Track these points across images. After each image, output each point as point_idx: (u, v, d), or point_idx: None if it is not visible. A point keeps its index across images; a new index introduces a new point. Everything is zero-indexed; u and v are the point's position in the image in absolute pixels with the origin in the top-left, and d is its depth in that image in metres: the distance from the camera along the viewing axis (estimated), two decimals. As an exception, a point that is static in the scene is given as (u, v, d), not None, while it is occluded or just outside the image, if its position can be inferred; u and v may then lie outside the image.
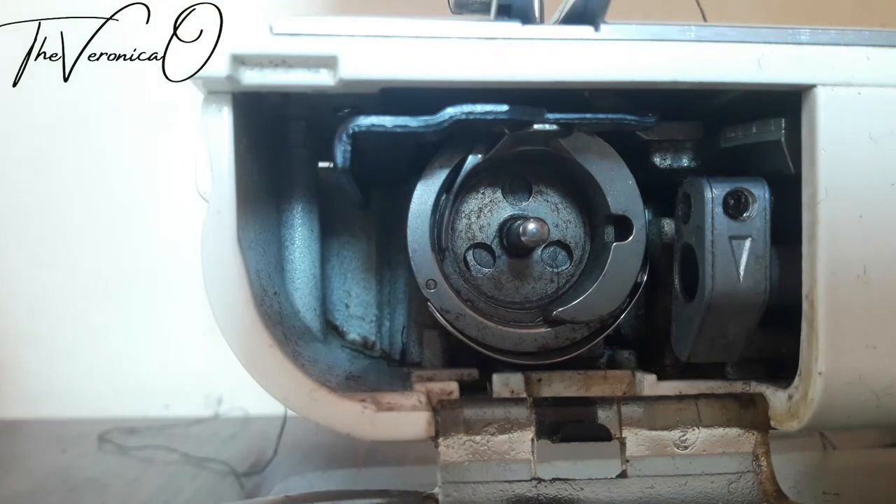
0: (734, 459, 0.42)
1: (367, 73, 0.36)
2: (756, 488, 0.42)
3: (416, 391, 0.41)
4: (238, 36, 0.35)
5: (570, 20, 0.38)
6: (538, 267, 0.47)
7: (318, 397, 0.39)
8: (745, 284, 0.40)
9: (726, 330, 0.42)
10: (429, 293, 0.43)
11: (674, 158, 0.46)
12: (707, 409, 0.42)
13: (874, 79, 0.38)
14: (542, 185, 0.47)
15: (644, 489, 0.41)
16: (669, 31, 0.38)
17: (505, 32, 0.37)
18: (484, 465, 0.40)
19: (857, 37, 0.38)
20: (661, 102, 0.40)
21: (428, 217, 0.43)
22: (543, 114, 0.39)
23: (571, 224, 0.47)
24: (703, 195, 0.40)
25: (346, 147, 0.38)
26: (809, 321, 0.38)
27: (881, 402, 0.39)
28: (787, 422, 0.41)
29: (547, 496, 0.40)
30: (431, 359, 0.48)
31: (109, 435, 0.89)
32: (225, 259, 0.38)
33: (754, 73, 0.37)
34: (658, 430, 0.42)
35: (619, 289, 0.43)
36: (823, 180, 0.37)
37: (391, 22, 0.36)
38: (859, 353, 0.38)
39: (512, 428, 0.41)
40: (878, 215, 0.38)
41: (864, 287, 0.38)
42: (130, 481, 0.75)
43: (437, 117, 0.38)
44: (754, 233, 0.40)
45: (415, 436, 0.40)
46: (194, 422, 0.98)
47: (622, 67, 0.37)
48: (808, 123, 0.38)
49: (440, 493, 0.40)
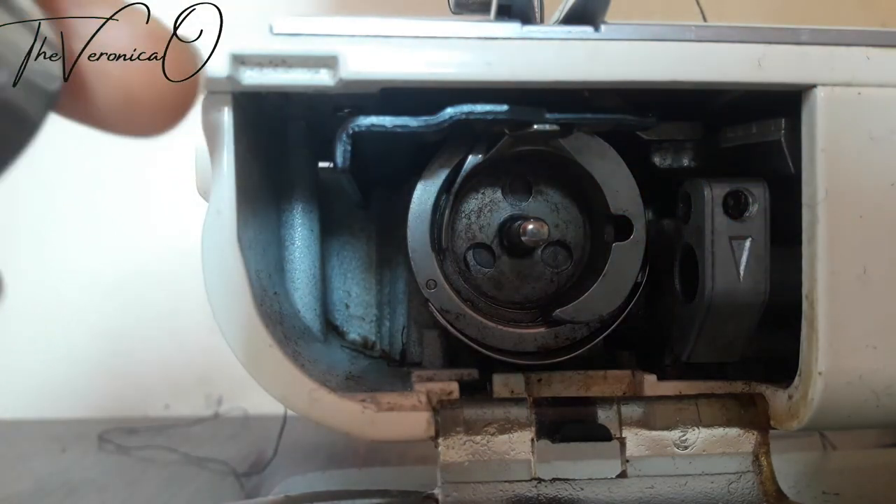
0: (734, 459, 0.42)
1: (367, 73, 0.36)
2: (756, 488, 0.42)
3: (416, 391, 0.41)
4: (238, 36, 0.35)
5: (570, 20, 0.38)
6: (538, 267, 0.47)
7: (318, 397, 0.39)
8: (745, 284, 0.40)
9: (726, 330, 0.42)
10: (429, 293, 0.43)
11: (674, 158, 0.46)
12: (707, 409, 0.42)
13: (874, 79, 0.38)
14: (542, 185, 0.47)
15: (644, 489, 0.41)
16: (669, 31, 0.38)
17: (505, 32, 0.37)
18: (484, 465, 0.40)
19: (857, 37, 0.38)
20: (661, 102, 0.40)
21: (428, 217, 0.43)
22: (543, 114, 0.39)
23: (571, 224, 0.47)
24: (703, 195, 0.40)
25: (346, 147, 0.38)
26: (809, 321, 0.38)
27: (881, 402, 0.39)
28: (787, 422, 0.41)
29: (547, 496, 0.40)
30: (431, 359, 0.48)
31: (109, 435, 0.89)
32: (225, 259, 0.38)
33: (754, 73, 0.37)
34: (658, 430, 0.42)
35: (619, 289, 0.43)
36: (823, 180, 0.37)
37: (391, 22, 0.36)
38: (859, 353, 0.38)
39: (512, 428, 0.41)
40: (878, 215, 0.38)
41: (864, 287, 0.38)
42: (130, 481, 0.75)
43: (436, 117, 0.38)
44: (754, 233, 0.40)
45: (415, 436, 0.40)
46: (194, 422, 0.98)
47: (622, 67, 0.37)
48: (808, 123, 0.38)
49: (440, 493, 0.40)
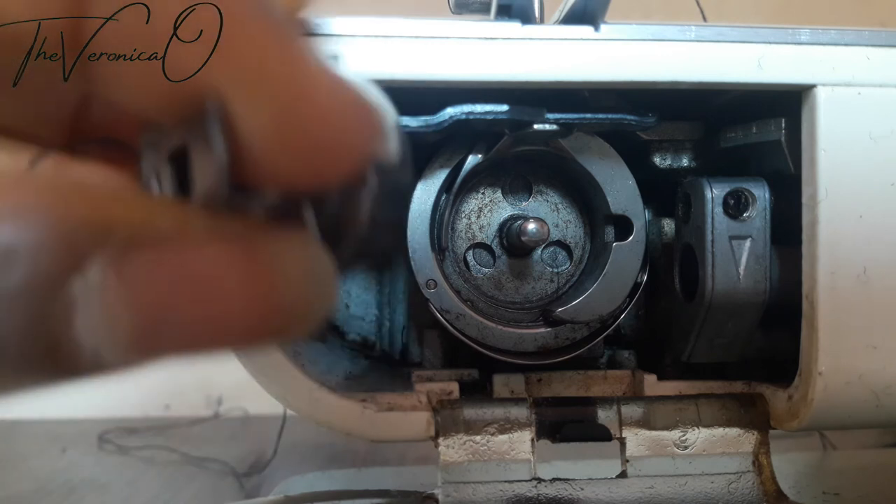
0: (734, 459, 0.42)
1: (367, 73, 0.36)
2: (756, 488, 0.42)
3: (416, 391, 0.41)
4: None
5: (570, 20, 0.38)
6: (538, 267, 0.47)
7: (318, 397, 0.39)
8: (745, 284, 0.40)
9: (726, 330, 0.42)
10: (429, 293, 0.43)
11: (674, 158, 0.46)
12: (707, 409, 0.42)
13: (874, 79, 0.38)
14: (542, 185, 0.47)
15: (644, 489, 0.41)
16: (669, 31, 0.38)
17: (505, 32, 0.37)
18: (484, 465, 0.40)
19: (857, 37, 0.38)
20: (661, 102, 0.40)
21: (428, 217, 0.43)
22: (543, 114, 0.39)
23: (571, 224, 0.47)
24: (703, 195, 0.40)
25: (346, 147, 0.38)
26: (809, 321, 0.38)
27: (881, 402, 0.39)
28: (787, 422, 0.41)
29: (547, 496, 0.40)
30: (431, 359, 0.48)
31: (109, 435, 0.89)
32: (225, 259, 0.38)
33: (754, 73, 0.37)
34: (658, 430, 0.42)
35: (619, 289, 0.43)
36: (823, 180, 0.37)
37: (391, 22, 0.36)
38: (859, 353, 0.38)
39: (512, 428, 0.41)
40: (878, 215, 0.38)
41: (864, 287, 0.38)
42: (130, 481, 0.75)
43: (437, 117, 0.38)
44: (754, 233, 0.40)
45: (415, 436, 0.40)
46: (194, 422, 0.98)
47: (622, 67, 0.37)
48: (808, 123, 0.38)
49: (440, 493, 0.40)
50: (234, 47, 0.13)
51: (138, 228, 0.13)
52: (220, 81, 0.13)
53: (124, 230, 0.12)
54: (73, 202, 0.12)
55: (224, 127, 0.13)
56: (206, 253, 0.13)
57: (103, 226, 0.12)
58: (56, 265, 0.12)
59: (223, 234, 0.13)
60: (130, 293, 0.12)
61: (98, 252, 0.12)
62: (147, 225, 0.13)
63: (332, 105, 0.13)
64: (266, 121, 0.13)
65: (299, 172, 0.14)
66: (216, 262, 0.13)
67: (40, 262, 0.12)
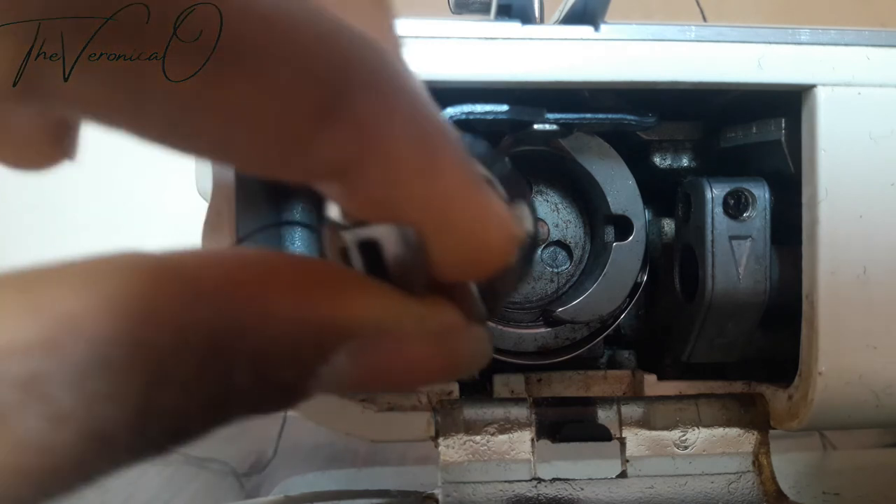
0: (734, 459, 0.42)
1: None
2: (756, 488, 0.42)
3: (416, 391, 0.41)
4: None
5: (570, 20, 0.38)
6: (538, 267, 0.47)
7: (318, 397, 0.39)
8: (745, 284, 0.40)
9: (726, 330, 0.42)
10: (429, 293, 0.43)
11: (674, 158, 0.46)
12: (707, 409, 0.42)
13: (874, 79, 0.38)
14: (542, 185, 0.47)
15: (644, 489, 0.41)
16: (669, 31, 0.38)
17: (505, 32, 0.37)
18: (484, 465, 0.40)
19: (857, 37, 0.38)
20: (661, 102, 0.40)
21: (428, 217, 0.43)
22: (543, 114, 0.39)
23: (571, 224, 0.47)
24: (703, 195, 0.40)
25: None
26: (809, 321, 0.38)
27: (881, 402, 0.39)
28: (787, 422, 0.41)
29: (547, 496, 0.40)
30: (431, 359, 0.48)
31: (109, 435, 0.89)
32: (225, 259, 0.38)
33: (754, 73, 0.37)
34: (658, 430, 0.42)
35: (619, 289, 0.43)
36: (823, 180, 0.37)
37: (391, 22, 0.36)
38: (859, 353, 0.38)
39: (512, 428, 0.41)
40: (878, 215, 0.38)
41: (864, 287, 0.38)
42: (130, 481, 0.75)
43: (437, 117, 0.38)
44: (754, 233, 0.40)
45: (415, 436, 0.40)
46: (194, 422, 0.98)
47: (622, 67, 0.37)
48: (808, 123, 0.38)
49: (440, 493, 0.40)
50: (447, 214, 0.17)
51: (374, 325, 0.16)
52: (424, 227, 0.17)
53: (366, 330, 0.16)
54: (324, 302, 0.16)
55: (420, 247, 0.17)
56: (420, 347, 0.17)
57: (348, 327, 0.16)
58: (308, 359, 0.16)
59: (428, 327, 0.17)
60: (361, 373, 0.17)
61: (341, 349, 0.16)
62: (381, 321, 0.17)
63: (500, 237, 0.18)
64: (453, 249, 0.17)
65: (465, 273, 0.18)
66: (426, 351, 0.17)
67: (298, 356, 0.16)
